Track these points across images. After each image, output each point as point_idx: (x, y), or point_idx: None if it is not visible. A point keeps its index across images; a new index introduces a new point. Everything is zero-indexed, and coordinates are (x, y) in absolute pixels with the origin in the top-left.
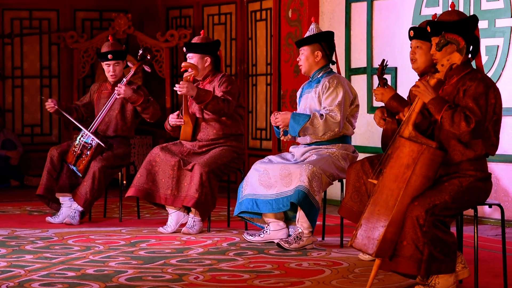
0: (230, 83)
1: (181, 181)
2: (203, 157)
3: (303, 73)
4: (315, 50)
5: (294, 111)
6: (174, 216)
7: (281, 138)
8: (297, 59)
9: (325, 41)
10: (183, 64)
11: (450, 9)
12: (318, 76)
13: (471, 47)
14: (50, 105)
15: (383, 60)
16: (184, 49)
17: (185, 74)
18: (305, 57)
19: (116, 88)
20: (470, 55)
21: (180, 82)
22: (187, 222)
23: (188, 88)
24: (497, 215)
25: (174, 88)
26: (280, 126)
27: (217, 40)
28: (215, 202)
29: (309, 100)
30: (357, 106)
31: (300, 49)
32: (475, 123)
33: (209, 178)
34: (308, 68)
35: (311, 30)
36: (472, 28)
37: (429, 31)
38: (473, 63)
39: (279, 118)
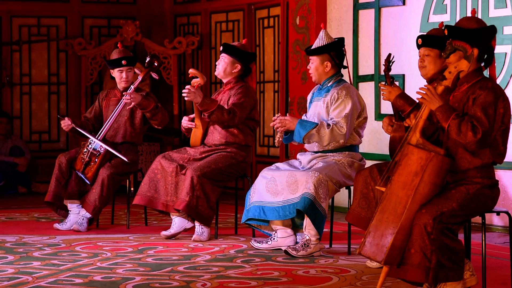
0: (244, 96)
1: (179, 186)
2: (198, 161)
3: (313, 81)
4: (324, 60)
5: (301, 118)
6: (177, 221)
7: (276, 140)
8: (307, 67)
9: (334, 50)
10: (190, 70)
11: (470, 15)
12: (328, 85)
13: (485, 56)
14: (66, 123)
15: (389, 55)
16: (221, 47)
17: (193, 81)
18: (315, 67)
19: (124, 97)
20: (483, 64)
21: (187, 87)
22: (191, 228)
23: (195, 94)
24: (505, 223)
25: (183, 92)
26: (279, 129)
27: (253, 53)
28: (212, 207)
29: (317, 109)
30: (365, 118)
31: (310, 57)
32: (482, 134)
33: (201, 182)
34: (318, 77)
35: (321, 39)
36: (488, 37)
37: (446, 34)
38: (486, 73)
39: (288, 119)
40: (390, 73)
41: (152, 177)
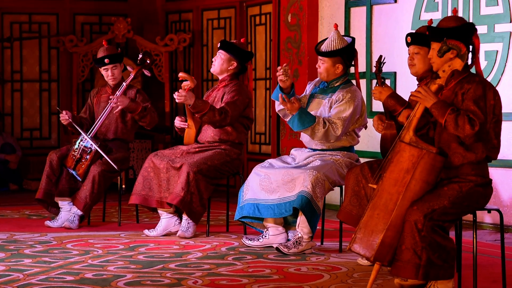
0: (237, 94)
1: (171, 182)
2: (193, 157)
3: (321, 78)
4: (336, 63)
5: (303, 108)
6: (163, 222)
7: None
8: (316, 66)
9: (346, 53)
10: (180, 74)
11: (452, 14)
12: (335, 85)
13: (470, 52)
14: (64, 117)
15: (380, 57)
16: (219, 44)
17: (183, 84)
18: (325, 68)
19: (112, 101)
20: (470, 61)
21: (179, 91)
22: (177, 231)
23: (186, 97)
24: (496, 220)
25: (174, 95)
26: (283, 79)
27: (250, 52)
28: (204, 204)
29: (320, 107)
30: (364, 125)
31: (320, 57)
32: (480, 126)
33: (196, 178)
34: (327, 77)
35: (334, 40)
36: (469, 34)
37: (427, 34)
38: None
39: (297, 103)
40: (381, 73)
41: (145, 175)
